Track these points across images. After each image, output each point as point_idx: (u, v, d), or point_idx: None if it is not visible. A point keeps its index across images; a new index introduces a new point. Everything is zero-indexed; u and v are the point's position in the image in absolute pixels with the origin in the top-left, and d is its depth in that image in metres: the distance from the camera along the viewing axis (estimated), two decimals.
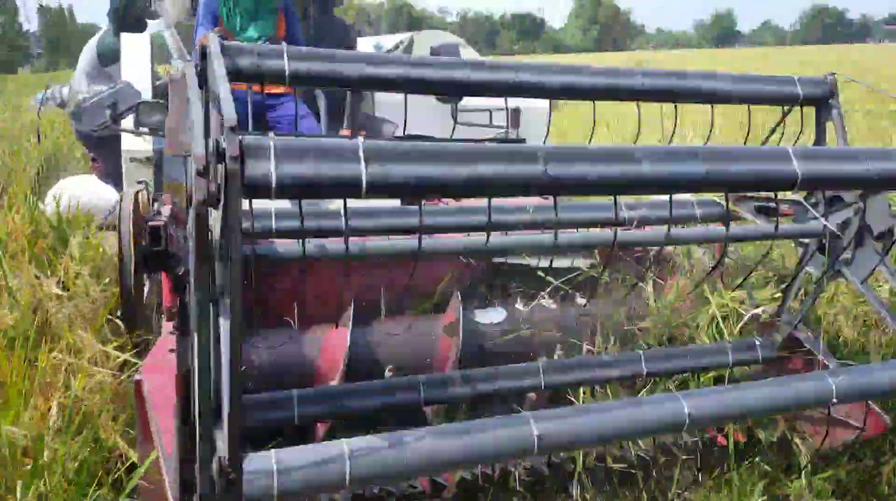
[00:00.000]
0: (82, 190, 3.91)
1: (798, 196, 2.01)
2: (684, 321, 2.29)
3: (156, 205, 1.93)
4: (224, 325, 0.98)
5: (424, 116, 2.64)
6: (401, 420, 1.69)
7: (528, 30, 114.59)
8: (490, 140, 2.72)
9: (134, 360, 2.70)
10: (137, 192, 2.31)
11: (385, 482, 1.67)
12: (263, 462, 1.10)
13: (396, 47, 4.22)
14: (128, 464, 1.87)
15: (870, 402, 1.90)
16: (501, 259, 2.31)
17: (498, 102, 2.44)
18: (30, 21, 63.45)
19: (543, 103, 3.63)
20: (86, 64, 4.25)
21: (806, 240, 2.06)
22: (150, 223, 1.24)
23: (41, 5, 62.95)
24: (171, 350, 1.36)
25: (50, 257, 3.14)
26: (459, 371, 1.88)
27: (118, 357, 2.55)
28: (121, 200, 2.32)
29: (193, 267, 0.97)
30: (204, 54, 1.19)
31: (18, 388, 1.86)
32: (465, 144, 1.38)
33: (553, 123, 3.95)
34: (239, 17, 3.42)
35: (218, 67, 1.11)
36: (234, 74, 1.32)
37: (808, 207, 1.96)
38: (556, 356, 2.14)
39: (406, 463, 1.19)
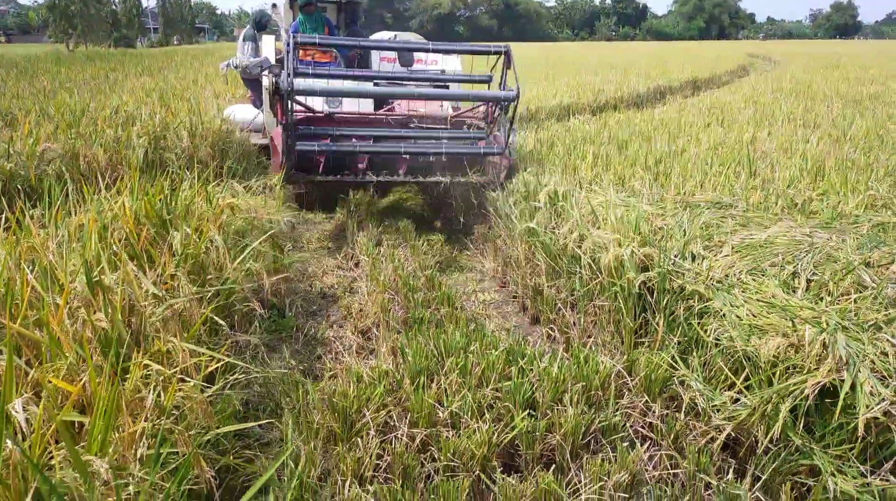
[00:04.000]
0: (243, 109, 7.89)
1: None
2: None
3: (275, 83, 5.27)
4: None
5: (398, 69, 7.34)
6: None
7: (630, 16, 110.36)
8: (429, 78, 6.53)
9: (235, 361, 2.61)
10: (270, 78, 5.85)
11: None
12: (298, 82, 5.02)
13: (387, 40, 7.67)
14: None
15: (510, 152, 5.40)
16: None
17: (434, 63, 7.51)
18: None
19: (458, 64, 7.62)
20: (241, 45, 7.98)
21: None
22: (276, 81, 5.18)
23: None
24: (279, 125, 5.47)
25: (150, 251, 3.08)
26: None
27: (210, 367, 2.44)
28: (266, 81, 6.37)
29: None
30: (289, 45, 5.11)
31: (106, 407, 1.73)
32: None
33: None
34: (307, 31, 7.23)
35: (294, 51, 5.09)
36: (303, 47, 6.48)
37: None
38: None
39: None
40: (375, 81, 6.70)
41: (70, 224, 3.14)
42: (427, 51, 6.07)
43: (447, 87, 6.79)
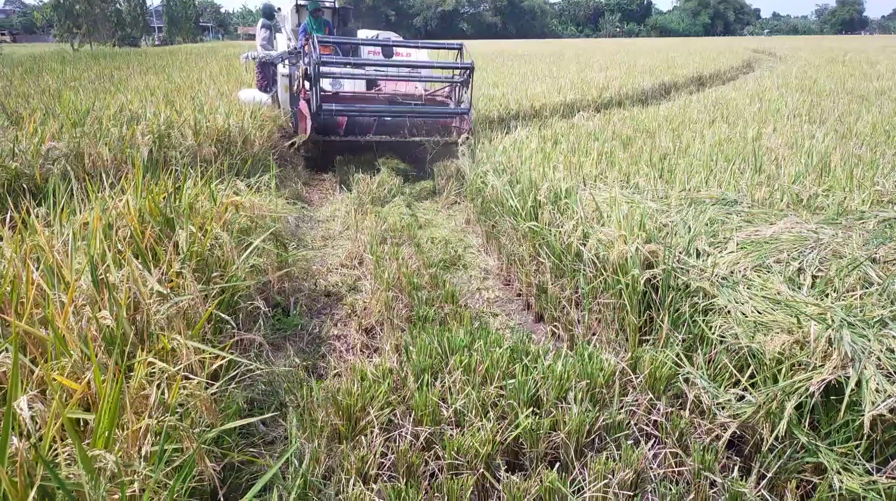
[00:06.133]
0: (253, 92, 9.12)
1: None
2: None
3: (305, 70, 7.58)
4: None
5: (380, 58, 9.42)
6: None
7: (634, 12, 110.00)
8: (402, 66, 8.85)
9: (239, 359, 2.62)
10: (300, 66, 8.01)
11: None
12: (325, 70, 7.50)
13: (369, 37, 9.87)
14: None
15: (469, 119, 7.85)
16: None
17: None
18: None
19: (426, 55, 9.85)
20: (260, 39, 9.87)
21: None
22: (306, 69, 7.41)
23: None
24: (304, 100, 7.48)
25: (154, 249, 3.09)
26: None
27: (214, 364, 2.45)
28: (283, 69, 9.01)
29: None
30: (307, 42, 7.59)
31: (111, 404, 1.74)
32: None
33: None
34: (313, 30, 9.07)
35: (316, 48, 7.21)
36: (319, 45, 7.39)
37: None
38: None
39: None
40: (367, 69, 8.88)
41: (75, 223, 3.15)
42: (399, 46, 9.12)
43: (419, 71, 9.15)
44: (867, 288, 2.72)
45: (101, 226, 2.99)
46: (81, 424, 1.91)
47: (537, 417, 2.60)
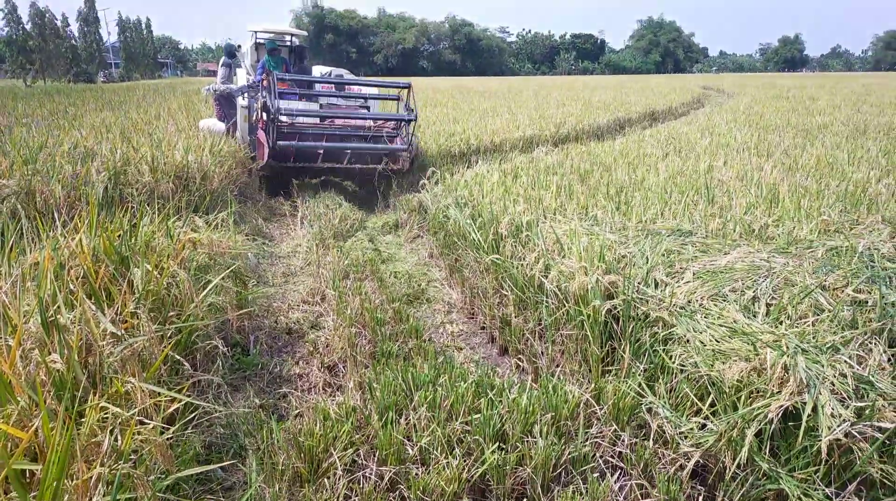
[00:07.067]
0: (213, 122, 9.89)
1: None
2: None
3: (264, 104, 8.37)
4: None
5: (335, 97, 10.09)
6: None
7: (588, 50, 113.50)
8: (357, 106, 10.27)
9: (196, 402, 2.54)
10: (259, 99, 8.73)
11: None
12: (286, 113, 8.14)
13: (323, 74, 10.71)
14: None
15: (412, 150, 8.97)
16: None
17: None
18: (110, 33, 66.83)
19: (375, 91, 10.33)
20: (220, 75, 10.65)
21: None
22: (264, 101, 8.30)
23: (121, 18, 65.78)
24: (262, 130, 8.46)
25: (108, 289, 3.00)
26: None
27: (170, 408, 2.37)
28: (243, 101, 9.72)
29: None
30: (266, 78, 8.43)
31: (60, 454, 1.66)
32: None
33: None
34: (271, 66, 9.57)
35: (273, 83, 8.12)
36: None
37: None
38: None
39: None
40: (320, 106, 9.89)
41: (24, 263, 3.05)
42: (350, 83, 9.88)
43: (368, 106, 10.13)
44: (819, 315, 2.80)
45: (52, 266, 2.90)
46: (27, 475, 1.82)
47: (503, 452, 2.58)
